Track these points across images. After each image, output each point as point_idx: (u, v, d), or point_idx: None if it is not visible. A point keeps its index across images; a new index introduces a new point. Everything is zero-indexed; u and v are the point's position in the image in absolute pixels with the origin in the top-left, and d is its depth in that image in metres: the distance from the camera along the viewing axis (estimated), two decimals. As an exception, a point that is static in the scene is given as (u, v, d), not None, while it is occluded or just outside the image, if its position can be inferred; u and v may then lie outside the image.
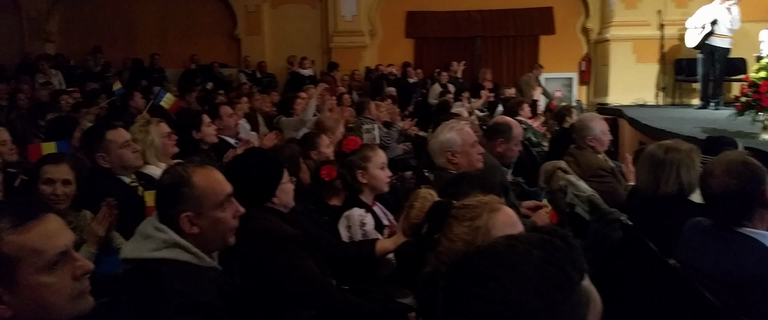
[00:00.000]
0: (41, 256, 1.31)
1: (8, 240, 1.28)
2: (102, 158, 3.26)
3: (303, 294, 2.39)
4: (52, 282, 1.32)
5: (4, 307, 1.28)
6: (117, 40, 12.98)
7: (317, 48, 12.87)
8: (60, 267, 1.33)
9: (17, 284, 1.29)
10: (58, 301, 1.33)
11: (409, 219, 1.80)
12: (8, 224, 1.29)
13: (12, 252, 1.28)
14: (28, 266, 1.29)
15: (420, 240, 1.76)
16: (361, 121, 6.64)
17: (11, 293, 1.28)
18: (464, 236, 1.64)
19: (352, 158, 3.14)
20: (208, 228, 2.00)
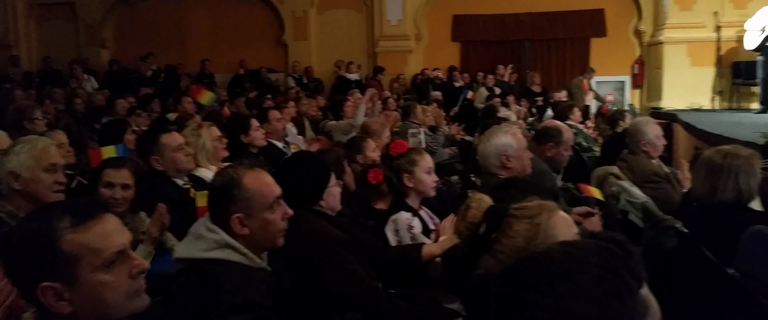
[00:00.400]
0: (99, 255, 1.34)
1: (69, 239, 1.32)
2: (156, 161, 3.35)
3: (349, 297, 2.39)
4: (109, 280, 1.35)
5: (64, 303, 1.32)
6: (169, 46, 13.36)
7: (363, 52, 12.95)
8: (117, 266, 1.37)
9: (76, 281, 1.32)
10: (115, 298, 1.36)
11: (466, 219, 1.80)
12: (68, 223, 1.33)
13: (72, 251, 1.32)
14: (87, 264, 1.33)
15: (476, 241, 1.75)
16: (406, 126, 6.63)
17: (71, 290, 1.32)
18: (525, 232, 1.62)
19: (398, 162, 3.14)
20: (257, 230, 2.04)
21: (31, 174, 2.50)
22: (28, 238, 1.33)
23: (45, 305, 1.32)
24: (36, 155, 2.53)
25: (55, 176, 2.57)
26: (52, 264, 1.31)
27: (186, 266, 2.02)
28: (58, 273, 1.31)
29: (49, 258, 1.30)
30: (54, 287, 1.31)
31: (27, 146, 2.57)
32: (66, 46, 13.34)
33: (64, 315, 1.33)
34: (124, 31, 13.77)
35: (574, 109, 6.98)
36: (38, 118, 5.05)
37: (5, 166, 2.51)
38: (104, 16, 13.54)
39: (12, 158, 2.52)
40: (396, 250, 2.96)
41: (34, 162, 2.51)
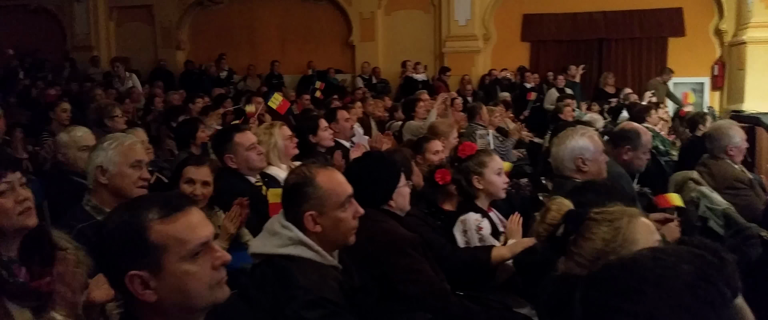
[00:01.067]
0: (185, 246, 1.39)
1: (156, 230, 1.38)
2: (230, 159, 3.45)
3: (419, 297, 2.39)
4: (194, 271, 1.40)
5: (150, 292, 1.38)
6: (240, 47, 13.73)
7: (430, 53, 12.90)
8: (201, 257, 1.41)
9: (162, 270, 1.38)
10: (198, 289, 1.40)
11: (545, 221, 1.77)
12: (157, 215, 1.39)
13: (159, 241, 1.37)
14: (173, 254, 1.38)
15: (554, 243, 1.72)
16: (473, 127, 6.57)
17: (157, 279, 1.38)
18: (604, 236, 1.59)
19: (468, 163, 3.12)
20: (329, 227, 2.08)
21: (117, 170, 2.59)
22: (118, 228, 1.39)
23: (132, 293, 1.38)
24: (123, 151, 2.63)
25: (140, 172, 2.66)
26: (141, 254, 1.37)
27: (261, 261, 2.08)
28: (146, 262, 1.37)
29: (137, 248, 1.36)
30: (141, 275, 1.37)
31: (115, 142, 2.67)
32: (144, 48, 13.95)
33: (150, 304, 1.39)
34: (199, 33, 14.25)
35: (650, 110, 6.73)
36: (118, 116, 5.31)
37: (94, 161, 2.63)
38: (180, 19, 14.05)
39: (100, 153, 2.63)
40: (465, 252, 2.93)
41: (121, 159, 2.61)
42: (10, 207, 1.80)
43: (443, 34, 12.70)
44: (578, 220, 1.66)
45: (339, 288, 2.01)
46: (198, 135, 4.89)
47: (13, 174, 1.84)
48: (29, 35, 13.95)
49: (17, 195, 1.82)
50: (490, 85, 11.30)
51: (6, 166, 1.83)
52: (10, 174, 1.82)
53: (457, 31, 12.53)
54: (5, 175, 1.81)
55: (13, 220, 1.80)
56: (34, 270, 1.83)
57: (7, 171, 1.82)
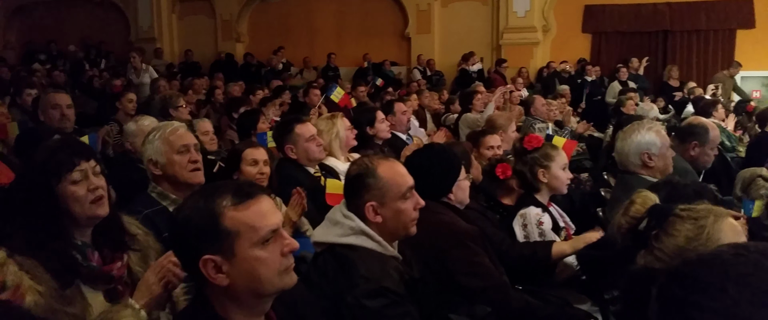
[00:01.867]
0: (256, 232, 1.43)
1: (230, 216, 1.42)
2: (290, 150, 3.50)
3: (479, 290, 2.37)
4: (264, 257, 1.44)
5: (222, 276, 1.42)
6: (298, 40, 13.92)
7: (487, 45, 12.74)
8: (271, 244, 1.45)
9: (235, 256, 1.42)
10: (268, 274, 1.44)
11: (628, 213, 1.74)
12: (230, 201, 1.43)
13: (232, 227, 1.42)
14: (245, 240, 1.42)
15: (635, 236, 1.68)
16: (530, 121, 6.45)
17: (229, 263, 1.42)
18: (687, 233, 1.55)
19: (534, 155, 3.06)
20: (390, 218, 2.08)
21: (166, 159, 2.61)
22: (194, 214, 1.44)
23: (206, 276, 1.42)
24: (167, 139, 2.64)
25: (189, 156, 2.65)
26: (214, 239, 1.41)
27: (323, 249, 2.10)
28: (219, 247, 1.41)
29: (211, 233, 1.41)
30: (214, 260, 1.41)
31: (158, 133, 2.69)
32: (205, 40, 14.31)
33: (222, 288, 1.43)
34: (258, 26, 14.51)
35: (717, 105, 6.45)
36: (182, 106, 5.46)
37: (145, 155, 2.68)
38: (240, 12, 14.33)
39: (148, 147, 2.67)
40: (525, 246, 2.89)
41: (167, 147, 2.63)
42: (83, 195, 1.84)
43: (501, 26, 12.50)
44: (663, 215, 1.62)
45: (399, 279, 2.02)
46: (258, 126, 4.98)
47: (87, 162, 1.89)
48: (95, 28, 14.57)
49: (90, 183, 1.87)
50: (549, 78, 11.06)
51: (80, 155, 1.89)
52: (83, 162, 1.87)
53: (516, 22, 12.32)
54: (79, 164, 1.86)
55: (85, 208, 1.85)
56: (106, 254, 1.91)
57: (81, 160, 1.87)
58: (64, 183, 1.83)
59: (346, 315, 1.94)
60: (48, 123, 4.44)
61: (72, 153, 1.88)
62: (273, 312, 1.58)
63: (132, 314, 1.72)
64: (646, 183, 2.90)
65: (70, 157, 1.86)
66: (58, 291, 1.71)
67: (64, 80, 10.35)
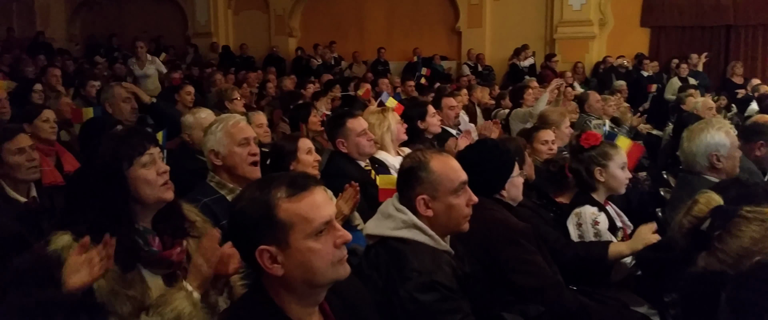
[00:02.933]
0: (310, 224, 1.45)
1: (284, 208, 1.44)
2: (342, 144, 3.52)
3: (532, 289, 2.33)
4: (318, 248, 1.45)
5: (277, 266, 1.45)
6: (348, 34, 14.01)
7: (540, 39, 12.50)
8: (324, 235, 1.47)
9: (289, 247, 1.44)
10: (321, 265, 1.46)
11: (690, 213, 1.68)
12: (284, 193, 1.45)
13: (286, 218, 1.44)
14: (299, 231, 1.44)
15: (697, 237, 1.63)
16: (584, 117, 6.30)
17: (284, 254, 1.45)
18: (752, 234, 1.49)
19: (591, 153, 2.97)
20: (441, 213, 2.07)
21: (227, 150, 2.68)
22: (250, 205, 1.47)
23: (261, 266, 1.45)
24: (230, 131, 2.71)
25: (249, 148, 2.72)
26: (269, 230, 1.44)
27: (375, 242, 2.11)
28: (274, 237, 1.44)
29: (266, 224, 1.43)
30: (270, 250, 1.44)
31: (220, 124, 2.75)
32: (259, 35, 14.57)
33: (278, 277, 1.46)
34: (310, 21, 14.66)
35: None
36: (237, 99, 5.59)
37: (206, 146, 2.75)
38: (293, 7, 14.51)
39: (210, 138, 2.74)
40: (580, 246, 2.82)
41: (229, 139, 2.69)
42: (153, 179, 1.92)
43: (555, 20, 12.25)
44: (727, 216, 1.56)
45: (452, 274, 2.00)
46: (310, 119, 5.04)
47: (155, 147, 1.97)
48: (154, 22, 14.99)
49: (158, 167, 1.95)
50: (605, 73, 10.78)
51: (149, 140, 1.97)
52: (152, 147, 1.96)
53: (571, 15, 12.04)
54: (148, 148, 1.94)
55: (155, 190, 1.92)
56: (166, 240, 1.97)
57: (150, 145, 1.95)
58: (134, 166, 1.90)
59: (397, 308, 1.94)
60: (116, 114, 4.61)
61: (142, 138, 1.96)
62: (326, 303, 1.60)
63: (185, 296, 1.77)
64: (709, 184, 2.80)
65: (141, 141, 1.94)
66: (119, 274, 1.78)
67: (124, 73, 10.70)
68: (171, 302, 1.74)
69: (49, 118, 4.04)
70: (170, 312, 1.72)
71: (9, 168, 2.85)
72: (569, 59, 11.54)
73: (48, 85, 6.48)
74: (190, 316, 1.74)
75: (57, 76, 6.82)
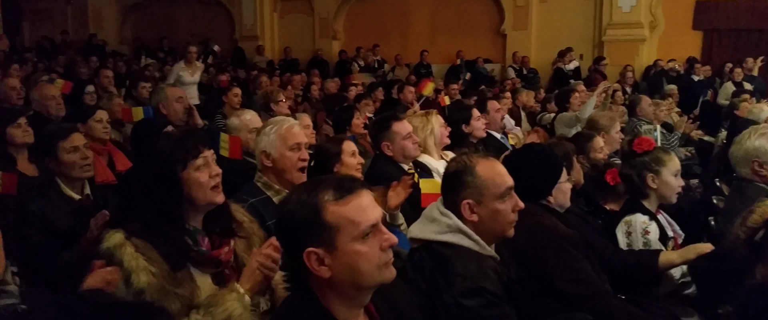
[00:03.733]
0: (357, 227, 1.46)
1: (331, 211, 1.46)
2: (387, 147, 3.52)
3: (579, 297, 2.28)
4: (364, 251, 1.46)
5: (324, 268, 1.46)
6: (392, 37, 14.03)
7: (588, 42, 12.25)
8: (371, 238, 1.48)
9: (336, 249, 1.45)
10: (368, 268, 1.47)
11: (745, 223, 1.63)
12: (331, 196, 1.47)
13: (333, 221, 1.45)
14: (345, 234, 1.45)
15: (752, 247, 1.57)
16: (633, 122, 6.14)
17: (331, 256, 1.46)
18: None
19: (644, 159, 2.89)
20: (487, 218, 2.05)
21: (279, 153, 2.72)
22: (297, 208, 1.48)
23: (309, 268, 1.46)
24: (283, 135, 2.75)
25: (299, 154, 2.76)
26: (317, 232, 1.45)
27: (419, 246, 2.10)
28: (321, 240, 1.45)
29: (314, 226, 1.45)
30: (317, 252, 1.45)
31: (275, 127, 2.79)
32: (303, 38, 14.73)
33: (324, 280, 1.47)
34: (354, 24, 14.76)
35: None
36: (282, 101, 5.65)
37: (258, 146, 2.80)
38: (337, 10, 14.63)
39: (263, 138, 2.78)
40: (629, 254, 2.75)
41: (281, 142, 2.73)
42: (205, 181, 1.96)
43: (604, 22, 12.00)
44: None
45: (497, 279, 1.98)
46: (353, 122, 5.06)
47: (208, 150, 2.01)
48: (203, 25, 15.32)
49: (211, 170, 1.99)
50: (655, 77, 10.49)
51: (203, 143, 2.01)
52: (206, 150, 2.00)
53: (621, 18, 11.77)
54: (202, 151, 1.98)
55: (206, 193, 1.96)
56: (215, 240, 2.00)
57: (205, 148, 1.99)
58: (188, 169, 1.94)
59: (442, 313, 1.93)
60: (171, 115, 4.73)
61: (197, 141, 2.00)
62: (372, 305, 1.60)
63: (237, 298, 1.80)
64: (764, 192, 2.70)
65: (196, 144, 1.98)
66: (169, 272, 1.82)
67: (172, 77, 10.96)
68: (223, 303, 1.78)
69: (102, 118, 4.16)
70: (221, 313, 1.76)
71: (63, 166, 2.95)
72: (618, 62, 11.26)
73: (100, 86, 6.68)
74: (240, 318, 1.77)
75: (109, 77, 7.02)
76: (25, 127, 3.56)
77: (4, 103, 5.10)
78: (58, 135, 3.01)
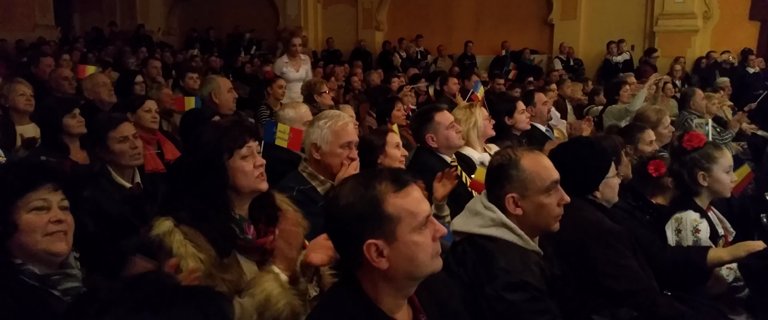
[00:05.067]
0: (415, 218, 1.49)
1: (392, 202, 1.48)
2: (431, 138, 3.50)
3: (624, 294, 2.24)
4: (421, 241, 1.49)
5: (383, 260, 1.48)
6: (435, 28, 13.92)
7: (638, 32, 11.91)
8: (425, 229, 1.50)
9: (396, 240, 1.48)
10: (424, 258, 1.50)
11: None
12: (390, 188, 1.49)
13: (394, 212, 1.47)
14: (405, 225, 1.48)
15: None
16: (684, 116, 5.95)
17: (390, 247, 1.48)
18: None
19: (694, 156, 2.81)
20: (531, 212, 2.04)
21: (329, 148, 2.74)
22: (356, 200, 1.49)
23: (368, 259, 1.48)
24: (337, 131, 2.76)
25: (349, 152, 2.77)
26: (378, 224, 1.47)
27: (462, 238, 2.09)
28: (382, 231, 1.47)
29: (375, 218, 1.47)
30: (377, 244, 1.47)
31: (329, 122, 2.79)
32: (346, 29, 14.78)
33: (379, 271, 1.49)
34: (397, 14, 14.72)
35: None
36: (326, 92, 5.68)
37: (309, 137, 2.81)
38: (381, 0, 14.59)
39: (315, 131, 2.79)
40: (678, 251, 2.70)
41: (334, 138, 2.74)
42: (250, 170, 1.99)
43: (656, 12, 11.65)
44: None
45: (540, 274, 1.97)
46: (394, 113, 5.05)
47: (254, 141, 2.04)
48: (248, 17, 15.48)
49: (256, 160, 2.02)
50: (708, 69, 10.16)
51: (249, 133, 2.04)
52: (252, 141, 2.03)
53: (673, 8, 11.42)
54: (248, 141, 2.01)
55: (251, 181, 2.00)
56: (260, 228, 2.04)
57: (250, 138, 2.03)
58: (234, 157, 1.98)
59: (484, 306, 1.93)
60: (222, 105, 4.82)
61: (243, 130, 2.04)
62: (415, 296, 1.61)
63: (273, 278, 1.83)
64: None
65: (242, 134, 2.01)
66: (217, 259, 1.87)
67: (219, 65, 11.16)
68: (261, 284, 1.81)
69: (151, 107, 4.26)
70: (260, 293, 1.80)
71: (113, 155, 3.04)
72: (670, 54, 10.91)
73: (148, 76, 6.85)
74: (278, 297, 1.80)
75: (157, 67, 7.19)
76: (79, 117, 3.68)
77: (57, 93, 5.28)
78: (108, 125, 3.09)
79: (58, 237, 1.72)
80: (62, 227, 1.73)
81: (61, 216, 1.74)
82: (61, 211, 1.75)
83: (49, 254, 1.71)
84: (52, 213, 1.72)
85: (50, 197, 1.73)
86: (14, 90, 4.27)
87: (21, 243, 1.67)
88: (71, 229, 1.77)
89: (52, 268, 1.73)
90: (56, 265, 1.75)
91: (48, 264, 1.72)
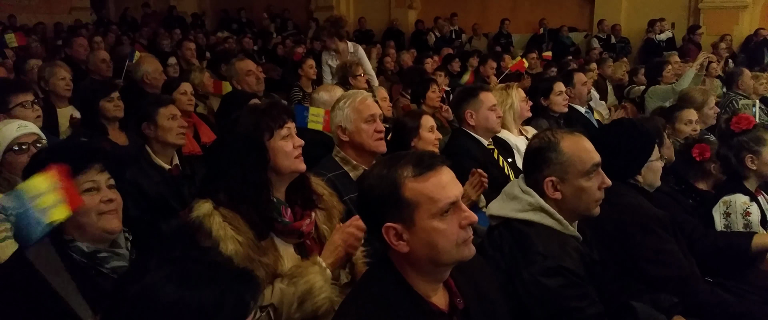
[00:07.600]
0: (435, 204, 1.46)
1: (410, 187, 1.46)
2: (470, 115, 3.45)
3: (665, 280, 2.21)
4: (442, 228, 1.46)
5: (403, 243, 1.48)
6: (470, 5, 13.60)
7: (682, 9, 11.46)
8: (450, 215, 1.47)
9: (415, 225, 1.46)
10: (445, 245, 1.47)
11: None
12: (411, 172, 1.47)
13: (412, 197, 1.45)
14: (424, 211, 1.46)
15: None
16: (730, 96, 5.75)
17: (409, 232, 1.47)
18: None
19: (742, 138, 2.73)
20: (571, 196, 2.00)
21: (354, 126, 2.72)
22: (377, 183, 1.50)
23: (388, 243, 1.48)
24: (357, 108, 2.74)
25: (375, 125, 2.74)
26: (395, 208, 1.46)
27: (498, 223, 2.06)
28: (400, 215, 1.46)
29: (393, 202, 1.46)
30: (396, 227, 1.47)
31: (348, 101, 2.78)
32: (378, 8, 14.50)
33: (403, 254, 1.49)
34: (432, -7, 14.43)
35: None
36: (360, 75, 5.64)
37: (334, 121, 2.81)
38: (414, -22, 14.33)
39: (337, 113, 2.78)
40: (721, 236, 2.63)
41: (356, 115, 2.73)
42: (290, 150, 2.02)
43: (702, -13, 11.18)
44: None
45: (579, 259, 1.93)
46: (427, 94, 5.00)
47: (292, 123, 2.06)
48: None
49: (295, 140, 2.04)
50: (756, 48, 9.76)
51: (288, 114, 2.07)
52: (290, 121, 2.05)
53: (721, -18, 10.95)
54: (287, 122, 2.03)
55: (291, 161, 2.02)
56: (297, 211, 2.06)
57: (288, 119, 2.04)
58: (274, 138, 2.00)
59: (520, 290, 1.90)
60: (245, 88, 4.83)
61: (282, 111, 2.06)
62: (451, 280, 1.60)
63: (319, 271, 1.87)
64: None
65: (281, 114, 2.04)
66: (255, 242, 1.89)
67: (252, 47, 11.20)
68: (305, 274, 1.84)
69: (187, 90, 4.30)
70: (304, 284, 1.83)
71: (161, 131, 3.12)
72: (715, 32, 10.48)
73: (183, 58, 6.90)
74: (320, 290, 1.83)
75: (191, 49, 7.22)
76: (117, 101, 3.74)
77: (95, 75, 5.36)
78: (160, 102, 3.22)
79: (112, 215, 1.78)
80: (113, 206, 1.79)
81: (110, 195, 1.79)
82: (110, 190, 1.80)
83: (105, 232, 1.77)
84: (103, 193, 1.77)
85: (98, 178, 1.78)
86: (55, 74, 4.34)
87: (78, 224, 1.72)
88: (120, 207, 1.82)
89: (104, 245, 1.79)
90: (108, 243, 1.80)
91: (102, 241, 1.78)
